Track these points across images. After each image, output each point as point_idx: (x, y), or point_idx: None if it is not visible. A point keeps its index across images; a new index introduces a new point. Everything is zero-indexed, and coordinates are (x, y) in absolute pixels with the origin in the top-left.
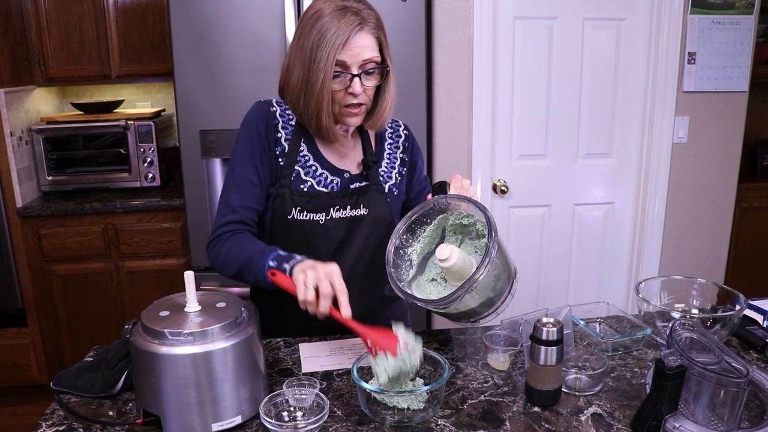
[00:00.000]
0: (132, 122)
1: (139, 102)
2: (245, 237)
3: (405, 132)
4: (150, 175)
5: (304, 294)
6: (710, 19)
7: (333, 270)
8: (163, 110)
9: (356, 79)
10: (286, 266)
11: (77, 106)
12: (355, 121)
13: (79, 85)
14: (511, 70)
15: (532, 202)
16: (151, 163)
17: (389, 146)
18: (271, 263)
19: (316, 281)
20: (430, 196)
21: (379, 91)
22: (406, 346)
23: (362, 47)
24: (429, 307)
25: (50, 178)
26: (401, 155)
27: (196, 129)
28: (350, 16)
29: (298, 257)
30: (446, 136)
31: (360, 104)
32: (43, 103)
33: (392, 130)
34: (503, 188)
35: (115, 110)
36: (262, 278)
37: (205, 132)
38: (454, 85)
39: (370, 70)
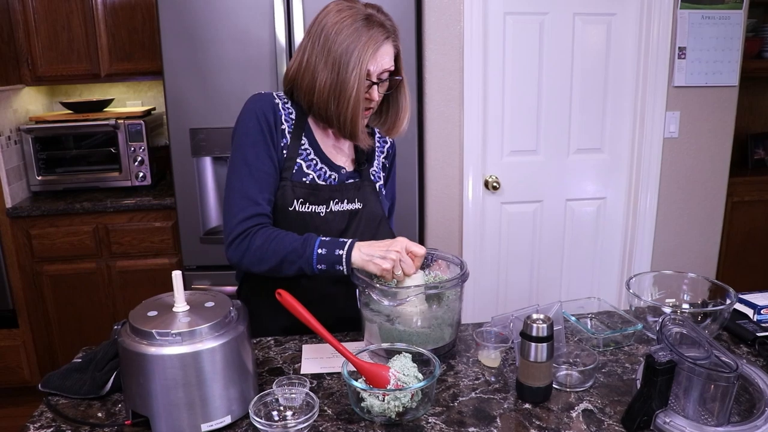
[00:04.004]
0: (122, 121)
1: (129, 101)
2: (276, 230)
3: (390, 140)
4: (141, 174)
5: (393, 276)
6: (700, 13)
7: (402, 244)
8: (154, 109)
9: (375, 87)
10: (340, 252)
11: (66, 105)
12: (365, 122)
13: (68, 84)
14: (501, 66)
15: (523, 198)
16: (141, 162)
17: (378, 149)
18: (320, 251)
19: (397, 263)
20: None
21: (391, 99)
22: (397, 384)
23: (385, 58)
24: (379, 295)
25: (40, 178)
26: (384, 160)
27: (186, 127)
28: (378, 28)
29: (343, 241)
30: (437, 132)
31: (371, 107)
32: (31, 103)
33: (380, 135)
34: (495, 184)
35: (104, 109)
36: (308, 267)
37: (195, 130)
38: (445, 81)
39: (384, 79)
